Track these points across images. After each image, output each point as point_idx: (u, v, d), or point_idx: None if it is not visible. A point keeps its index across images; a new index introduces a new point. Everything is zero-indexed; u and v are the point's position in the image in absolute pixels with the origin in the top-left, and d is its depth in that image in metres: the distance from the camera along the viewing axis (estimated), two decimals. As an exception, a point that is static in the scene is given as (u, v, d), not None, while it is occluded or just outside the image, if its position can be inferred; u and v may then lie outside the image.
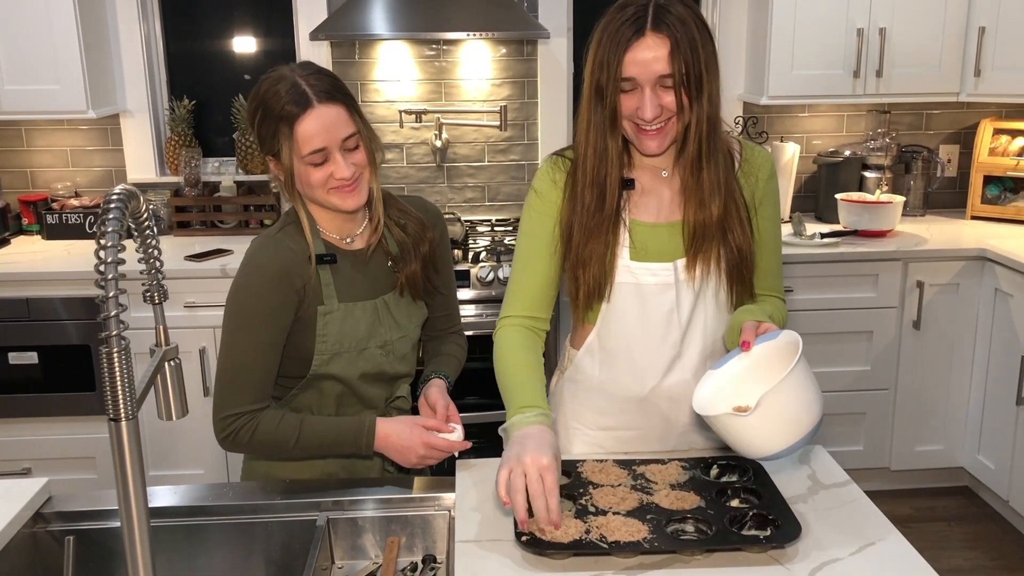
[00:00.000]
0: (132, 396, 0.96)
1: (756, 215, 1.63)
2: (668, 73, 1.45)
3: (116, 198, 0.99)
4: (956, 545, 3.15)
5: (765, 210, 1.65)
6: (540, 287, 1.66)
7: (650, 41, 1.45)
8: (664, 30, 1.45)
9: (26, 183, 3.64)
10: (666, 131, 1.51)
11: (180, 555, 1.57)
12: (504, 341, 1.64)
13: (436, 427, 1.63)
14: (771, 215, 1.67)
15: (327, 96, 1.54)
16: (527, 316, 1.66)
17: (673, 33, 1.44)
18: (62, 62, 3.18)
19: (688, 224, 1.59)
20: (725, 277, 1.60)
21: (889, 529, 1.42)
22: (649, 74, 1.46)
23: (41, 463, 3.16)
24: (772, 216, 1.68)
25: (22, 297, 3.05)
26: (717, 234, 1.58)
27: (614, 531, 1.35)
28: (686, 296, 1.61)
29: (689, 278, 1.60)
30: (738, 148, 1.65)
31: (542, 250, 1.64)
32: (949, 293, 3.26)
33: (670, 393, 1.66)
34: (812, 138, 3.78)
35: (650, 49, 1.45)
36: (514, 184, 3.72)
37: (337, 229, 1.66)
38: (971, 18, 3.34)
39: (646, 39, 1.45)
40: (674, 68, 1.45)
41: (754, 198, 1.63)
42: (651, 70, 1.46)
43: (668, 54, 1.45)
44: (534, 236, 1.65)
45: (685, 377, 1.64)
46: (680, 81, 1.46)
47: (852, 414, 3.35)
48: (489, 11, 3.20)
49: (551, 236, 1.63)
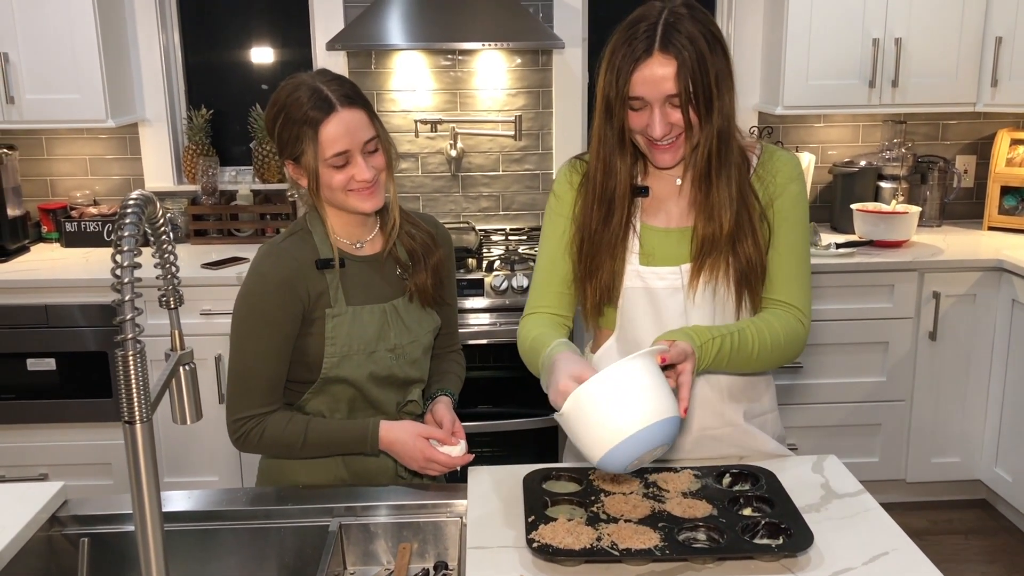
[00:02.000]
0: (147, 399, 0.97)
1: (771, 211, 1.59)
2: (675, 93, 1.46)
3: (133, 203, 1.00)
4: (973, 559, 3.12)
5: (780, 209, 1.60)
6: (561, 287, 1.68)
7: (658, 60, 1.45)
8: (672, 50, 1.44)
9: (46, 191, 3.68)
10: (678, 145, 1.52)
11: (193, 560, 1.58)
12: (525, 326, 1.67)
13: (439, 437, 1.65)
14: (787, 216, 1.60)
15: (348, 100, 1.58)
16: (551, 313, 1.69)
17: (681, 53, 1.44)
18: (82, 72, 3.22)
19: (697, 235, 1.58)
20: (734, 285, 1.59)
21: (903, 539, 1.41)
22: (657, 93, 1.47)
23: (58, 469, 3.18)
24: (789, 217, 1.60)
25: (41, 304, 3.08)
26: (726, 247, 1.57)
27: (626, 539, 1.34)
28: (695, 299, 1.61)
29: (694, 284, 1.59)
30: (757, 152, 1.63)
31: (563, 252, 1.67)
32: (966, 304, 3.24)
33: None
34: (827, 148, 3.77)
35: (658, 68, 1.45)
36: (528, 194, 3.73)
37: (348, 234, 1.69)
38: (988, 28, 3.33)
39: (654, 59, 1.45)
40: (680, 88, 1.45)
41: (766, 196, 1.60)
42: (659, 89, 1.46)
43: (675, 73, 1.45)
44: (554, 239, 1.68)
45: (697, 379, 1.63)
46: (687, 100, 1.46)
47: (867, 425, 3.33)
48: (504, 21, 3.22)
49: (570, 238, 1.65)
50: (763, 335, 1.56)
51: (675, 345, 1.41)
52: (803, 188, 1.63)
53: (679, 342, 1.42)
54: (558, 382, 1.38)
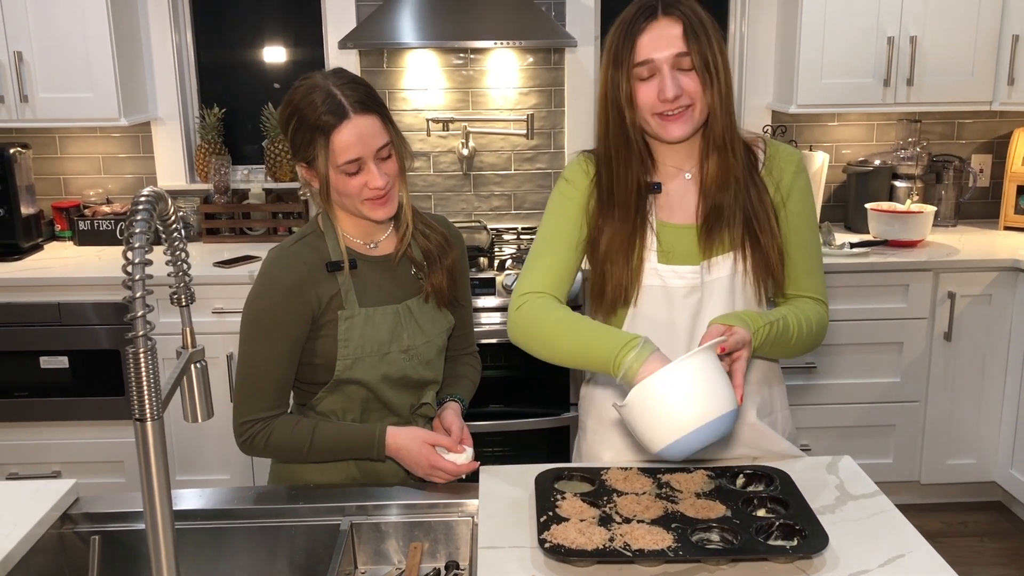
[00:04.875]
0: (158, 396, 0.96)
1: (784, 210, 1.61)
2: (685, 51, 1.47)
3: (144, 199, 1.00)
4: (988, 561, 3.10)
5: (794, 205, 1.61)
6: (561, 269, 1.62)
7: (663, 22, 1.48)
8: (676, 13, 1.48)
9: (59, 190, 3.69)
10: (688, 115, 1.51)
11: (204, 558, 1.58)
12: (539, 308, 1.56)
13: (446, 445, 1.64)
14: (800, 211, 1.62)
15: (362, 107, 1.56)
16: (548, 294, 1.60)
17: (685, 14, 1.47)
18: (95, 71, 3.23)
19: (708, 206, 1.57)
20: (752, 275, 1.59)
21: (919, 541, 1.39)
22: (666, 51, 1.47)
23: (70, 466, 3.19)
24: (802, 212, 1.62)
25: (54, 302, 3.09)
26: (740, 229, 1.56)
27: (638, 539, 1.33)
28: (712, 297, 1.60)
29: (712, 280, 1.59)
30: (762, 147, 1.63)
31: (567, 233, 1.63)
32: (981, 304, 3.21)
33: None
34: (842, 147, 3.75)
35: (665, 28, 1.47)
36: (540, 192, 3.72)
37: (362, 235, 1.69)
38: (1004, 26, 3.30)
39: (659, 21, 1.48)
40: (689, 46, 1.47)
41: (779, 193, 1.61)
42: (668, 47, 1.47)
43: (682, 33, 1.47)
44: (561, 219, 1.64)
45: None
46: (700, 62, 1.47)
47: (882, 426, 3.30)
48: (516, 20, 3.21)
49: (578, 221, 1.63)
50: (801, 323, 1.58)
51: (734, 333, 1.42)
52: (808, 179, 1.65)
53: (738, 329, 1.43)
54: None
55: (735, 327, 1.44)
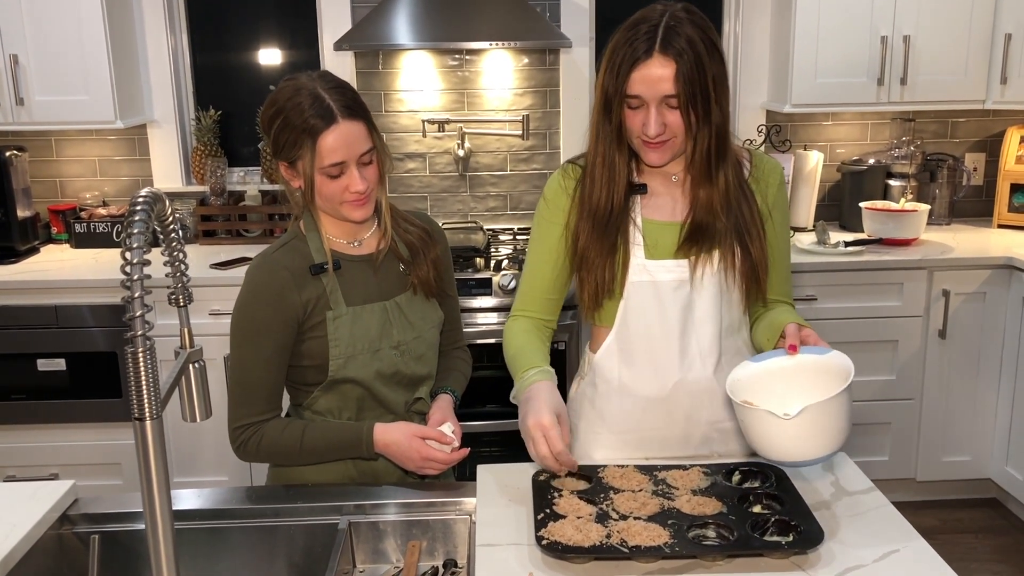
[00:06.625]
0: (156, 396, 0.97)
1: (771, 221, 1.67)
2: (673, 94, 1.50)
3: (142, 200, 1.01)
4: (983, 558, 3.11)
5: (778, 216, 1.69)
6: (547, 291, 1.73)
7: (658, 61, 1.49)
8: (671, 52, 1.48)
9: (55, 192, 3.69)
10: (668, 146, 1.56)
11: (203, 557, 1.59)
12: (512, 328, 1.74)
13: (434, 436, 1.65)
14: (781, 222, 1.71)
15: (350, 112, 1.58)
16: (535, 317, 1.74)
17: (680, 56, 1.48)
18: (91, 73, 3.23)
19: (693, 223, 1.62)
20: (740, 279, 1.63)
21: (914, 536, 1.40)
22: (654, 93, 1.50)
23: (68, 469, 3.19)
24: (783, 223, 1.72)
25: (50, 305, 3.09)
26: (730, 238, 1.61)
27: (635, 536, 1.34)
28: (700, 292, 1.63)
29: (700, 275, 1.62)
30: (748, 157, 1.69)
31: (549, 256, 1.71)
32: (975, 302, 3.23)
33: (691, 389, 1.67)
34: (836, 146, 3.76)
35: (657, 68, 1.49)
36: (536, 193, 3.72)
37: (345, 233, 1.70)
38: (997, 25, 3.32)
39: (653, 59, 1.49)
40: (679, 90, 1.49)
41: (766, 204, 1.67)
42: (656, 89, 1.50)
43: (674, 75, 1.49)
44: (542, 242, 1.72)
45: (706, 374, 1.66)
46: (685, 102, 1.50)
47: (877, 424, 3.32)
48: (512, 21, 3.22)
49: (558, 242, 1.69)
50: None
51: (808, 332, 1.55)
52: (786, 191, 1.77)
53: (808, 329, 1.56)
54: (540, 414, 1.50)
55: (804, 327, 1.56)
